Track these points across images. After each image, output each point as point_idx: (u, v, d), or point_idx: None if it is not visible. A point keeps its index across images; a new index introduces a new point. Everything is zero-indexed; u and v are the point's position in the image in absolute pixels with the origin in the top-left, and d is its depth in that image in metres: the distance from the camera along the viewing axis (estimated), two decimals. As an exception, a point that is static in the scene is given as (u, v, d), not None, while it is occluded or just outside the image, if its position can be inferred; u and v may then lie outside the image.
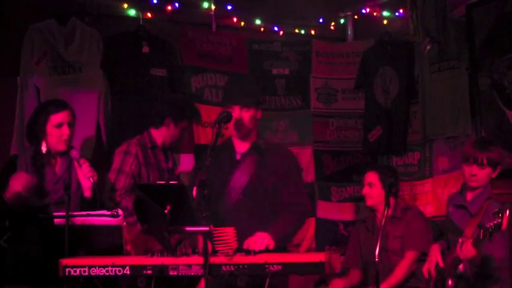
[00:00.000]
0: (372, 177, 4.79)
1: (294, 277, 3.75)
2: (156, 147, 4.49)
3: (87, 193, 4.03)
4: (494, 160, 3.92)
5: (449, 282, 3.81)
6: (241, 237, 3.58)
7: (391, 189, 4.48)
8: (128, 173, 4.33)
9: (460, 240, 3.71)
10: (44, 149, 4.09)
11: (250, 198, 3.83)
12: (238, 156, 3.94)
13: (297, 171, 4.10)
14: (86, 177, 3.94)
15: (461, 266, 3.72)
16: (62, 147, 4.12)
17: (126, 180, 4.32)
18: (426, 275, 4.00)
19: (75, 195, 4.06)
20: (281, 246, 3.69)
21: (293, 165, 4.04)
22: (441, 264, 3.89)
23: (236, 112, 3.84)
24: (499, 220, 3.40)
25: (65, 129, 4.11)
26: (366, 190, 4.83)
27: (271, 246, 3.58)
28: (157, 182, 4.08)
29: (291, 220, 3.86)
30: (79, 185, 4.11)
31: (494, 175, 3.96)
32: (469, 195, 4.01)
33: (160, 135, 4.52)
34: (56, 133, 4.09)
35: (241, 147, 3.97)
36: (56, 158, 4.17)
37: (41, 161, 4.07)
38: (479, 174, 3.93)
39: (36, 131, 4.13)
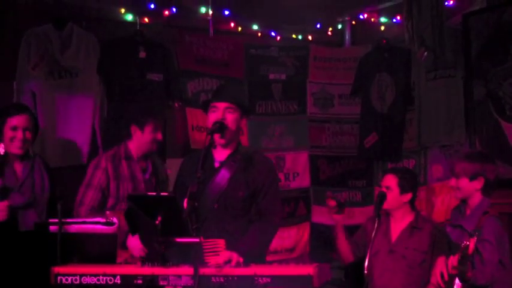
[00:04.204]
0: (390, 180, 4.63)
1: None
2: (130, 158, 4.47)
3: None
4: (467, 170, 3.93)
5: None
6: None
7: (382, 200, 4.50)
8: (96, 187, 4.34)
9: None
10: (1, 150, 4.11)
11: (224, 207, 3.77)
12: (216, 165, 3.86)
13: (274, 183, 3.96)
14: None
15: (457, 284, 3.69)
16: (14, 150, 4.13)
17: (94, 194, 4.34)
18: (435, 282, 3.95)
19: (41, 197, 4.16)
20: (257, 258, 3.57)
21: (271, 177, 3.94)
22: (446, 278, 3.79)
23: (219, 112, 3.77)
24: (467, 243, 3.42)
25: (19, 134, 4.12)
26: None
27: (235, 259, 3.40)
28: (148, 193, 4.09)
29: (259, 233, 3.77)
30: (43, 187, 4.20)
31: (478, 186, 3.94)
32: (468, 210, 4.00)
33: (133, 145, 4.49)
34: (9, 135, 4.12)
35: (220, 155, 3.89)
36: (16, 161, 4.18)
37: (0, 160, 4.09)
38: (458, 184, 3.96)
39: None
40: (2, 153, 4.12)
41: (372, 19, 6.48)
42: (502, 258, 3.79)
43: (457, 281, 3.64)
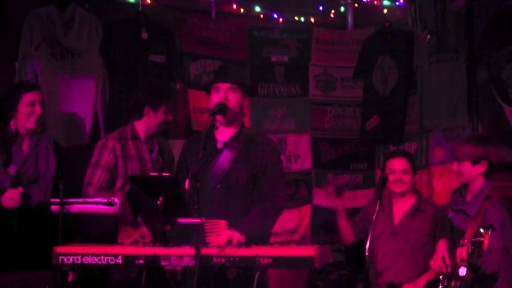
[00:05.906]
0: (405, 163, 4.67)
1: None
2: (136, 139, 4.46)
3: None
4: (469, 154, 3.87)
5: (452, 283, 3.77)
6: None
7: (384, 183, 4.51)
8: (104, 166, 4.32)
9: (461, 242, 3.62)
10: (11, 127, 4.19)
11: (227, 188, 3.76)
12: (219, 145, 3.85)
13: (277, 164, 3.94)
14: None
15: (461, 270, 3.66)
16: (31, 125, 4.20)
17: (101, 174, 4.32)
18: (434, 267, 3.96)
19: (45, 173, 4.22)
20: (260, 240, 3.56)
21: (274, 158, 3.91)
22: (447, 262, 3.81)
23: (222, 93, 3.77)
24: (481, 239, 3.38)
25: (37, 108, 4.20)
26: (398, 176, 4.66)
27: (236, 238, 3.45)
28: (150, 174, 4.09)
29: (262, 214, 3.75)
30: (48, 163, 4.24)
31: (481, 170, 3.89)
32: (469, 196, 3.96)
33: (142, 125, 4.47)
34: (27, 111, 4.17)
35: (223, 135, 3.87)
36: (24, 137, 4.23)
37: (9, 139, 4.15)
38: (460, 169, 3.91)
39: (7, 110, 4.20)
40: (12, 130, 4.16)
41: (375, 2, 6.44)
42: (506, 244, 3.78)
43: (461, 270, 3.62)
